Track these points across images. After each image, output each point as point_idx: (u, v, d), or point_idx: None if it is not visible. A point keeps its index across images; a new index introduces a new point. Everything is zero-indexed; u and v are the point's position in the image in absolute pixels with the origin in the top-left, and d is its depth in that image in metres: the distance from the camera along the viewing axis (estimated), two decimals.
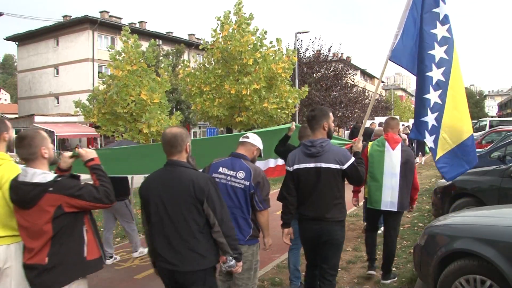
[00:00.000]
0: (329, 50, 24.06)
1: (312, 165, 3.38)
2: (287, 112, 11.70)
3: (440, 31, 4.19)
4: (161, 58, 29.27)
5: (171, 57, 32.02)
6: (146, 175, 2.96)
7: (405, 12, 4.20)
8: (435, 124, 4.14)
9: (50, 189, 2.46)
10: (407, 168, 4.42)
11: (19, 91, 38.69)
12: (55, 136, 27.62)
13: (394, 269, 5.07)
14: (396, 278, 4.70)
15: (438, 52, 4.15)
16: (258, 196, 3.23)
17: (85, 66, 32.19)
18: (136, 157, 4.48)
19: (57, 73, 34.31)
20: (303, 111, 22.05)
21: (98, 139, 32.40)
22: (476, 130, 25.44)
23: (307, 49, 23.78)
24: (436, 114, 4.14)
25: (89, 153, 2.74)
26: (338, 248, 3.57)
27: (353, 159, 3.42)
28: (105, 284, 4.42)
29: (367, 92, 36.54)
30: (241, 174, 3.23)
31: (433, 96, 4.12)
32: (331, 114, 3.53)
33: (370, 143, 4.66)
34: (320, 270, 3.53)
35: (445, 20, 4.21)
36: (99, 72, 27.68)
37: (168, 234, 2.68)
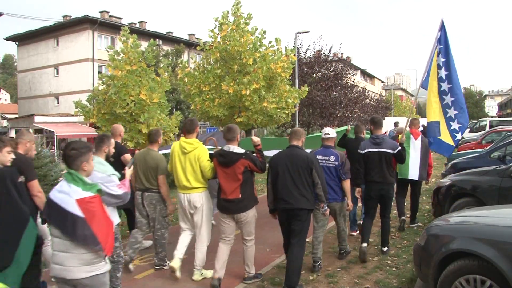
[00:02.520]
0: (330, 50, 24.05)
1: (376, 149, 5.47)
2: (287, 111, 11.68)
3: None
4: (160, 58, 29.25)
5: (170, 57, 32.02)
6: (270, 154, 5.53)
7: (430, 54, 6.10)
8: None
9: (243, 156, 4.47)
10: (424, 152, 6.64)
11: (19, 91, 38.68)
12: (55, 136, 27.62)
13: (394, 269, 5.08)
14: (417, 223, 6.97)
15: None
16: (342, 170, 5.13)
17: (85, 66, 32.18)
18: (268, 143, 6.79)
19: (57, 73, 34.30)
20: (303, 111, 22.04)
21: None
22: (476, 130, 25.44)
23: (307, 49, 23.77)
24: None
25: (258, 141, 4.61)
26: (391, 199, 5.72)
27: (400, 147, 5.52)
28: None
29: (367, 92, 36.47)
30: (332, 158, 5.17)
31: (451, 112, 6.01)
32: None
33: (400, 136, 6.29)
34: (383, 213, 5.63)
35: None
36: (99, 72, 27.71)
37: (289, 186, 4.42)
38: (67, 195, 2.80)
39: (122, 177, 3.85)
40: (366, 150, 5.51)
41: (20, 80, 38.17)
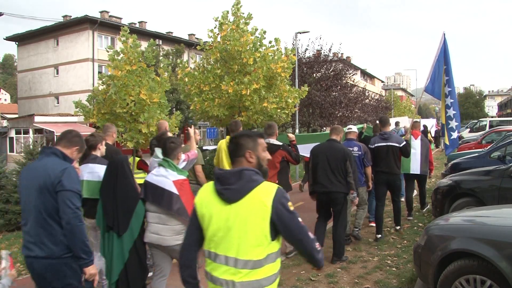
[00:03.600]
0: (329, 50, 24.03)
1: (384, 144, 6.29)
2: (287, 111, 11.65)
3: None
4: (160, 58, 29.24)
5: (170, 57, 32.01)
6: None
7: (433, 65, 7.06)
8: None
9: (281, 148, 5.28)
10: (424, 149, 7.49)
11: (19, 91, 38.68)
12: (55, 136, 27.61)
13: (394, 269, 5.08)
14: (427, 207, 8.13)
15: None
16: (366, 158, 6.10)
17: (85, 66, 32.17)
18: (301, 139, 7.38)
19: (57, 73, 34.28)
20: (303, 111, 22.02)
21: None
22: (476, 130, 25.44)
23: (306, 49, 23.75)
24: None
25: (293, 137, 5.57)
26: (398, 187, 6.56)
27: (405, 142, 6.40)
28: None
29: (367, 92, 36.45)
30: (355, 148, 6.02)
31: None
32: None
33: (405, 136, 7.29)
34: (393, 197, 6.63)
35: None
36: (99, 72, 27.70)
37: (327, 173, 5.27)
38: (165, 177, 3.62)
39: None
40: (376, 145, 6.38)
41: (20, 80, 38.16)
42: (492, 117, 61.22)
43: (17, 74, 41.33)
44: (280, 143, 5.38)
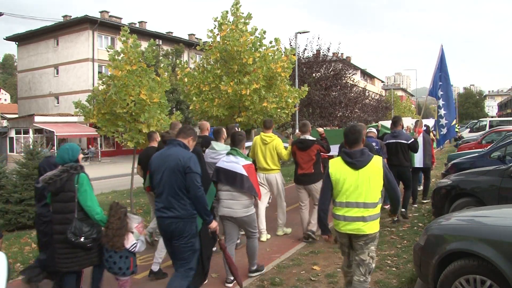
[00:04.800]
0: (328, 49, 24.01)
1: (394, 140, 7.32)
2: (287, 111, 11.65)
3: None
4: (160, 58, 29.22)
5: (170, 57, 32.00)
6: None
7: (434, 72, 8.36)
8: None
9: (316, 142, 6.13)
10: (425, 145, 8.51)
11: (19, 91, 38.67)
12: (55, 136, 27.61)
13: (394, 269, 5.08)
14: (428, 200, 8.49)
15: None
16: (382, 152, 6.89)
17: (85, 66, 32.17)
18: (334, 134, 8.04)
19: (57, 73, 34.28)
20: (303, 111, 22.01)
21: (98, 139, 32.39)
22: (476, 130, 25.43)
23: (305, 49, 23.73)
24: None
25: (322, 131, 6.40)
26: (408, 178, 7.51)
27: (413, 139, 7.36)
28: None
29: (367, 92, 36.43)
30: (374, 144, 6.85)
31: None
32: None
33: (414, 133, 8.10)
34: (404, 186, 7.58)
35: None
36: (99, 72, 27.68)
37: None
38: (236, 163, 4.69)
39: None
40: (387, 141, 7.41)
41: (20, 80, 38.16)
42: (492, 117, 61.21)
43: (17, 74, 41.33)
44: (314, 139, 6.25)
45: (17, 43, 37.39)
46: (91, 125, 24.88)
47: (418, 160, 8.39)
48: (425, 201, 8.83)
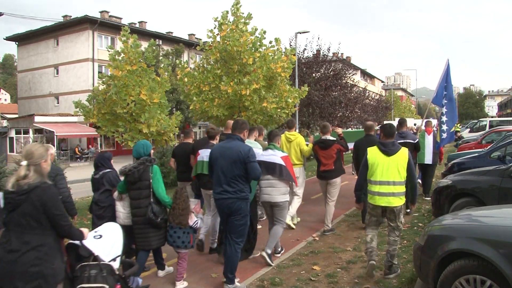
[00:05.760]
0: (328, 50, 23.97)
1: (402, 140, 7.50)
2: (287, 111, 11.64)
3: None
4: (160, 58, 29.21)
5: (170, 57, 31.99)
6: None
7: (439, 83, 9.07)
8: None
9: (336, 142, 6.77)
10: (435, 144, 9.09)
11: (19, 91, 38.67)
12: (55, 136, 27.60)
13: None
14: (430, 197, 8.31)
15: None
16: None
17: (85, 66, 32.16)
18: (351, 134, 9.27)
19: (57, 73, 34.28)
20: (303, 111, 21.99)
21: (98, 139, 32.38)
22: (476, 130, 25.42)
23: (305, 49, 23.70)
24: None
25: (340, 131, 7.19)
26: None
27: (418, 139, 8.05)
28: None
29: (368, 92, 36.40)
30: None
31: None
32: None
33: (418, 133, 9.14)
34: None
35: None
36: (99, 72, 27.67)
37: None
38: (274, 155, 5.38)
39: None
40: (397, 141, 8.10)
41: (20, 80, 38.16)
42: (492, 117, 61.16)
43: (17, 74, 41.32)
44: (334, 139, 6.94)
45: (17, 43, 37.38)
46: (91, 125, 24.87)
47: (428, 157, 8.99)
48: (428, 198, 8.91)
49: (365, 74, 68.59)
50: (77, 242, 3.24)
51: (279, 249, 5.77)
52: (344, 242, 6.28)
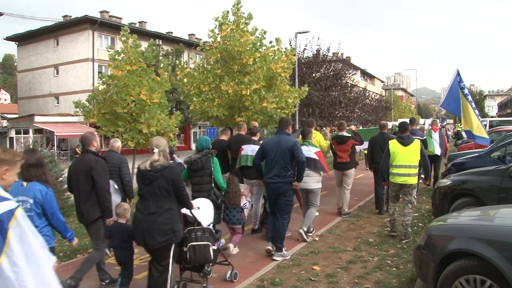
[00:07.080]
0: (328, 50, 23.94)
1: (413, 137, 7.44)
2: (287, 111, 11.63)
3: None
4: (160, 58, 29.21)
5: (170, 57, 31.98)
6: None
7: (449, 85, 10.24)
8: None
9: (351, 137, 8.03)
10: (440, 139, 9.99)
11: (19, 91, 38.66)
12: (55, 136, 27.60)
13: (394, 269, 5.08)
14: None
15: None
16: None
17: (85, 66, 32.17)
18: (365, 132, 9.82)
19: (57, 73, 34.27)
20: (303, 111, 21.98)
21: (98, 139, 32.37)
22: None
23: (305, 49, 23.68)
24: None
25: (354, 128, 9.09)
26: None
27: (425, 136, 9.17)
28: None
29: (368, 92, 36.35)
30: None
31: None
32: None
33: (425, 131, 10.48)
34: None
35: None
36: (99, 72, 27.66)
37: (381, 154, 7.12)
38: (310, 151, 6.29)
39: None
40: None
41: (20, 80, 38.15)
42: (492, 117, 61.10)
43: (17, 74, 41.32)
44: (349, 135, 8.06)
45: (17, 43, 37.37)
46: (91, 125, 24.84)
47: (437, 149, 9.93)
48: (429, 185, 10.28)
49: (365, 74, 68.57)
50: (186, 211, 4.18)
51: (311, 229, 6.65)
52: (344, 242, 6.28)
